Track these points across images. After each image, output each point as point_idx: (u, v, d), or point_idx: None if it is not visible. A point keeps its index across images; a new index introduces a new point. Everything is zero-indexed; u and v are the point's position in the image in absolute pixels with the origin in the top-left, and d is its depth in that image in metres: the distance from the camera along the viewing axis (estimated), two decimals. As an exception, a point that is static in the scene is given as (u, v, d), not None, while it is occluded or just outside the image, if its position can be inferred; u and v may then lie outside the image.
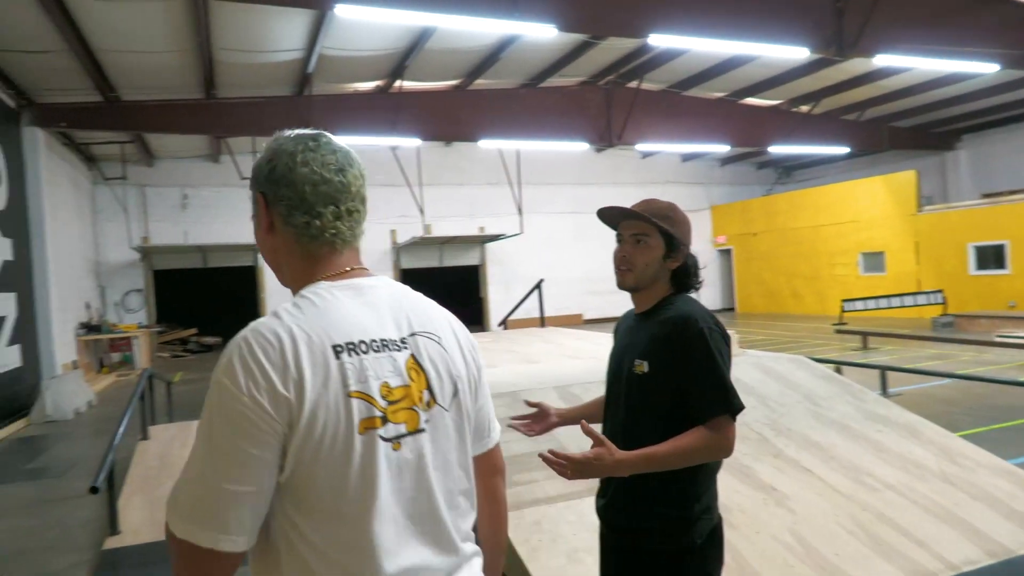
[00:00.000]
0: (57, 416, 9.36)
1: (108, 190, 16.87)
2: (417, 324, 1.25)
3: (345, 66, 11.55)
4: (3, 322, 9.35)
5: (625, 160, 21.89)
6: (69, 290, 13.14)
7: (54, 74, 10.03)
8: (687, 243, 1.99)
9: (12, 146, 10.38)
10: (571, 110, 14.28)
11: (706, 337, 1.82)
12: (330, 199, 1.24)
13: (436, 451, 1.22)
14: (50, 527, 5.07)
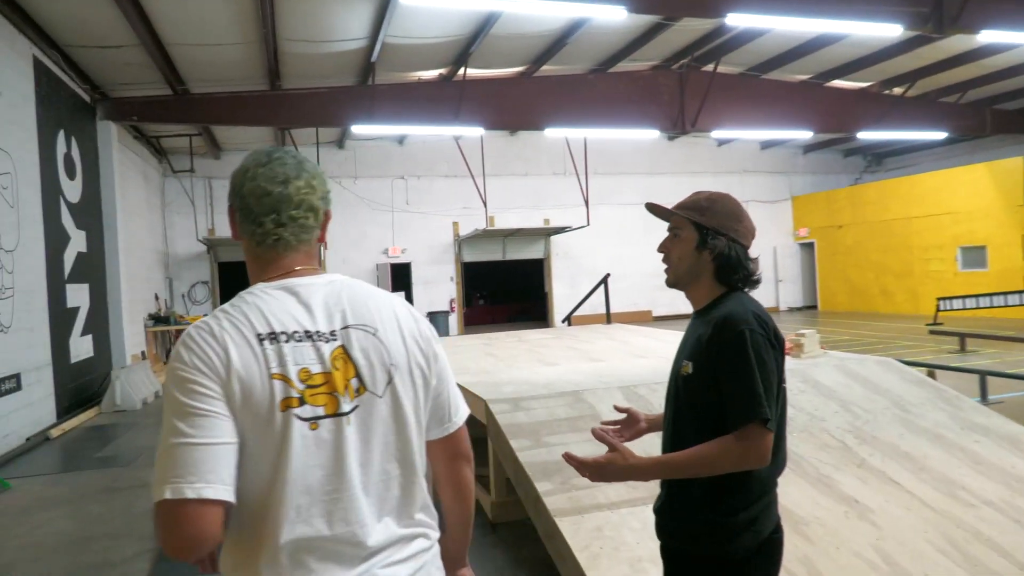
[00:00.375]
0: (126, 406, 9.86)
1: (177, 182, 17.64)
2: (352, 318, 1.40)
3: (409, 54, 11.69)
4: (77, 313, 9.90)
5: (699, 148, 21.44)
6: (139, 282, 13.82)
7: (127, 68, 10.54)
8: (728, 233, 1.94)
9: (87, 140, 10.97)
10: (642, 96, 14.06)
11: (744, 339, 1.77)
12: (271, 209, 1.42)
13: (363, 435, 1.35)
14: (116, 515, 5.33)
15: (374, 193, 19.10)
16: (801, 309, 22.51)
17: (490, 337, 9.74)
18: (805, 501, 3.68)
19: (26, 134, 8.47)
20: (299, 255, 1.46)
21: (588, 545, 3.24)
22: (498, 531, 4.58)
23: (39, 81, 8.91)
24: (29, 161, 8.48)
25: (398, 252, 19.30)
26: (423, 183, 19.48)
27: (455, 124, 13.14)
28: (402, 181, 19.33)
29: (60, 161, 9.63)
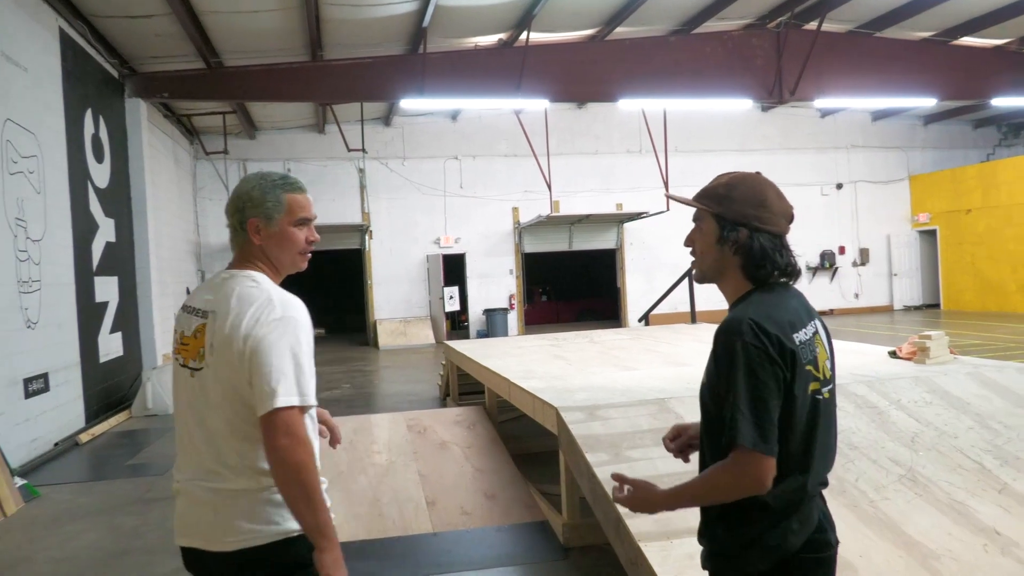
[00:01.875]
0: (158, 409, 10.25)
1: (209, 165, 18.22)
2: (212, 305, 2.07)
3: (464, 18, 11.77)
4: (106, 308, 10.34)
5: (799, 120, 20.95)
6: (170, 274, 14.34)
7: (157, 40, 10.93)
8: (750, 222, 1.92)
9: (115, 119, 11.43)
10: (732, 60, 13.81)
11: (734, 350, 1.79)
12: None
13: (201, 393, 2.05)
14: (152, 528, 5.55)
15: (424, 176, 19.32)
16: (920, 308, 21.77)
17: (556, 337, 9.74)
18: (935, 531, 3.57)
19: (52, 114, 8.88)
20: (235, 255, 2.19)
21: (679, 574, 3.22)
22: (571, 556, 4.58)
23: (65, 56, 9.33)
24: (55, 143, 8.89)
25: (451, 242, 19.48)
26: (479, 164, 19.59)
27: (516, 96, 13.16)
28: (455, 162, 19.49)
29: (88, 143, 10.06)
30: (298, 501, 1.93)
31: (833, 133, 21.40)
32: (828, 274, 21.41)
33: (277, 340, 1.97)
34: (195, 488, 2.07)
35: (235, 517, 1.99)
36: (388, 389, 11.88)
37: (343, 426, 6.81)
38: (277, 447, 1.91)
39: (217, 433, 2.02)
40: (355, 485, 5.70)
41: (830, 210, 21.46)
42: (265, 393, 1.93)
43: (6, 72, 7.63)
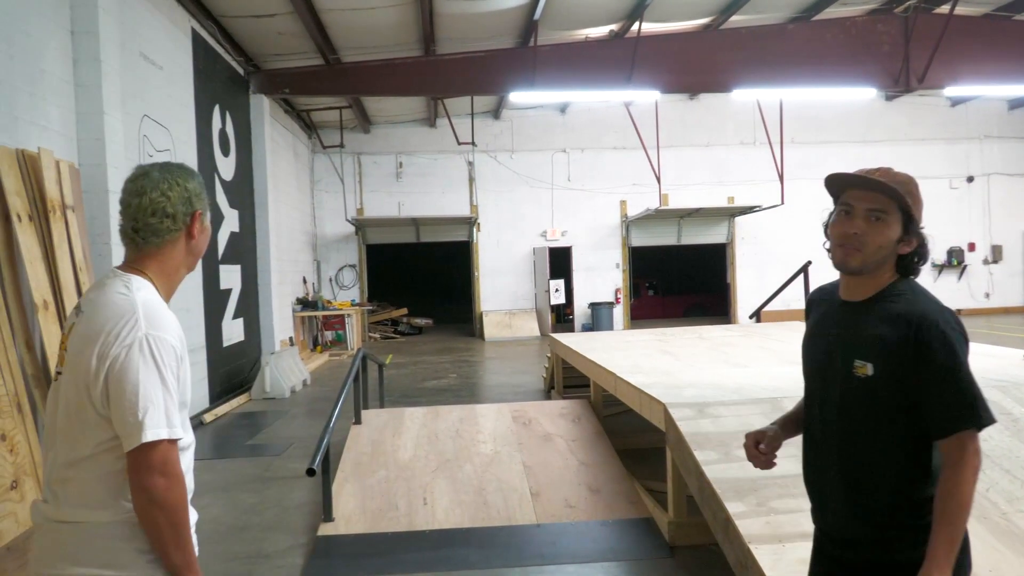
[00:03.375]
0: (275, 393, 10.71)
1: (326, 158, 18.86)
2: (86, 305, 1.90)
3: (576, 9, 11.71)
4: (229, 295, 10.88)
5: (927, 109, 19.82)
6: (288, 264, 14.95)
7: (279, 38, 11.38)
8: (917, 219, 1.99)
9: (240, 114, 11.99)
10: (855, 47, 13.18)
11: (949, 338, 1.83)
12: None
13: (55, 403, 1.87)
14: (268, 506, 5.80)
15: (532, 168, 19.38)
16: (1059, 312, 20.24)
17: (664, 332, 9.60)
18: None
19: (184, 109, 9.38)
20: (127, 253, 1.98)
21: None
22: (677, 554, 4.50)
23: (196, 54, 9.84)
24: (187, 137, 9.40)
25: (557, 235, 19.47)
26: (587, 157, 19.49)
27: (627, 87, 13.00)
28: (563, 155, 19.46)
29: (216, 137, 10.59)
30: (168, 543, 1.78)
31: (964, 123, 20.13)
32: (956, 272, 20.18)
33: (141, 363, 1.76)
34: (35, 510, 1.88)
35: (56, 558, 1.80)
36: (493, 380, 12.00)
37: (450, 415, 6.96)
38: (150, 486, 1.74)
39: (63, 451, 1.82)
40: (460, 473, 5.78)
41: (960, 204, 20.22)
42: (131, 425, 1.73)
43: (144, 71, 8.12)
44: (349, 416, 6.95)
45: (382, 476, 5.78)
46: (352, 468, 5.92)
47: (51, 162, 5.81)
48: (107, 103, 6.66)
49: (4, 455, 4.55)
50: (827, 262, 2.11)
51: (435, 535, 4.89)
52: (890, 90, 14.26)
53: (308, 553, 4.77)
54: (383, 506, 5.32)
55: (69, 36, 6.49)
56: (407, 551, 4.69)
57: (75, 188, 6.22)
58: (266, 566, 4.62)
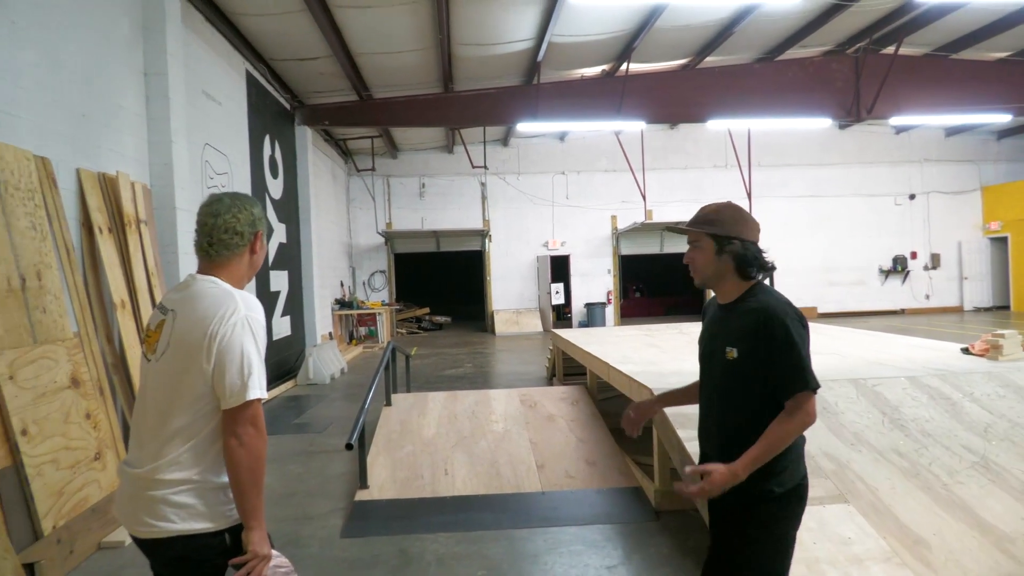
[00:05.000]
0: (317, 380, 10.72)
1: (360, 180, 18.90)
2: (174, 304, 1.99)
3: (573, 52, 11.70)
4: (278, 296, 10.90)
5: (874, 137, 19.73)
6: (327, 270, 14.97)
7: (320, 78, 11.41)
8: (739, 236, 2.22)
9: (287, 143, 12.03)
10: (812, 83, 13.14)
11: (787, 325, 2.08)
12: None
13: (152, 384, 1.95)
14: (312, 475, 5.81)
15: (536, 188, 19.36)
16: (990, 309, 20.10)
17: (649, 329, 9.57)
18: (1009, 515, 3.28)
19: (239, 139, 9.41)
20: (201, 264, 2.06)
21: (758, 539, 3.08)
22: (662, 518, 4.49)
23: (250, 92, 9.87)
24: (242, 162, 9.42)
25: (557, 245, 19.45)
26: (583, 178, 19.47)
27: (617, 119, 12.99)
28: (563, 176, 19.44)
29: (266, 163, 10.62)
30: (247, 485, 1.86)
31: (907, 148, 20.01)
32: (900, 277, 20.06)
33: (242, 338, 1.88)
34: (124, 471, 1.97)
35: (139, 509, 1.89)
36: (503, 369, 11.98)
37: (467, 399, 6.96)
38: (243, 434, 1.86)
39: (155, 424, 1.91)
40: (476, 448, 5.77)
41: (903, 219, 20.10)
42: (236, 386, 1.85)
43: (206, 106, 8.15)
44: (381, 400, 6.96)
45: (409, 450, 5.78)
46: (384, 443, 5.93)
47: (127, 183, 5.84)
48: (174, 133, 6.69)
49: (89, 431, 4.57)
50: (790, 268, 2.24)
51: (455, 501, 4.89)
52: (842, 120, 14.18)
53: (346, 515, 4.77)
54: (410, 476, 5.32)
55: (143, 77, 6.52)
56: (431, 514, 4.69)
57: (147, 205, 6.25)
58: (311, 526, 4.63)
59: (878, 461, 3.70)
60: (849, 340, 6.98)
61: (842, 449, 3.81)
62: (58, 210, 4.85)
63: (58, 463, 4.18)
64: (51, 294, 4.53)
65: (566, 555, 4.02)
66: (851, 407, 4.26)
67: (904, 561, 2.94)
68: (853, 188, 19.77)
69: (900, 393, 4.35)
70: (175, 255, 6.59)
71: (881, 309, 19.94)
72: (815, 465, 3.67)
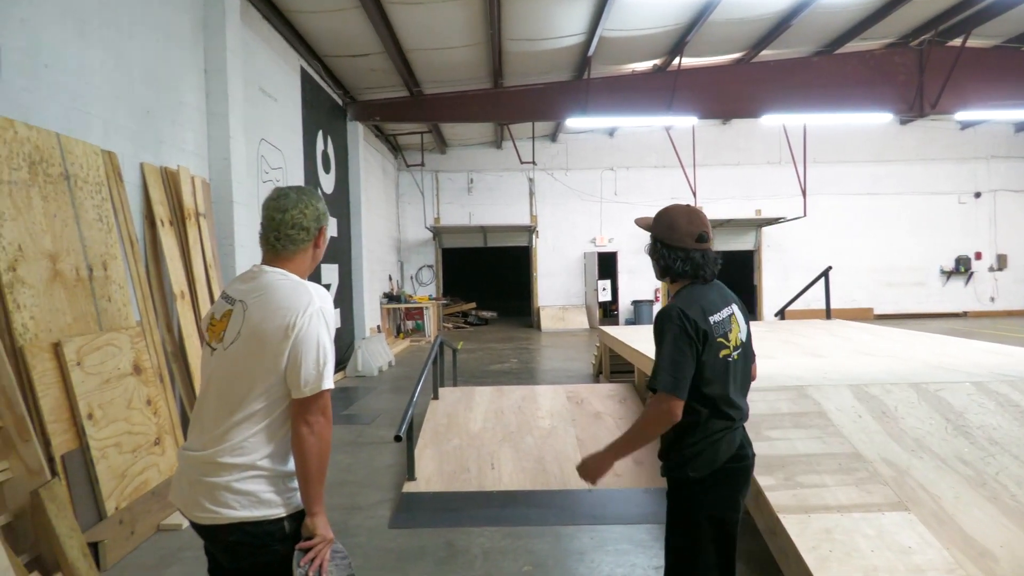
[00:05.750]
0: (365, 372, 10.88)
1: (409, 175, 19.09)
2: (243, 295, 2.01)
3: (624, 47, 11.58)
4: (329, 288, 11.09)
5: (938, 132, 19.00)
6: (376, 264, 15.17)
7: (372, 74, 11.55)
8: (660, 238, 2.47)
9: (339, 139, 12.22)
10: (873, 77, 12.73)
11: (662, 324, 2.32)
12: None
13: (218, 372, 1.98)
14: (361, 466, 5.91)
15: (584, 184, 19.25)
16: (1060, 314, 19.20)
17: (699, 327, 9.40)
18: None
19: (294, 134, 9.60)
20: (267, 256, 2.10)
21: (816, 547, 3.02)
22: (711, 521, 4.41)
23: (304, 88, 10.06)
24: (296, 157, 9.62)
25: (604, 241, 19.31)
26: (631, 174, 19.27)
27: (668, 114, 12.81)
28: (611, 172, 19.28)
29: (319, 158, 10.81)
30: (312, 472, 1.91)
31: (973, 144, 19.22)
32: (963, 278, 19.31)
33: (318, 329, 1.92)
34: (184, 455, 2.01)
35: (200, 495, 1.93)
36: (548, 365, 11.97)
37: (513, 394, 6.97)
38: (314, 422, 1.90)
39: (219, 411, 1.95)
40: (523, 444, 5.78)
41: (967, 218, 19.33)
42: (312, 376, 1.89)
43: (262, 102, 8.34)
44: (428, 393, 7.02)
45: (456, 444, 5.82)
46: (431, 436, 5.98)
47: (187, 177, 6.01)
48: (233, 129, 6.86)
49: (150, 417, 4.73)
50: (845, 267, 2.28)
51: (501, 495, 4.91)
52: (905, 115, 13.69)
53: (394, 506, 4.83)
54: (457, 469, 5.36)
55: (203, 74, 6.70)
56: (477, 508, 4.72)
57: (206, 199, 6.43)
58: (360, 516, 4.70)
59: (941, 469, 3.57)
60: (909, 342, 6.75)
61: (902, 455, 3.68)
62: (123, 203, 5.02)
63: (121, 447, 4.34)
64: (116, 284, 4.70)
65: (612, 553, 3.99)
66: (911, 412, 4.12)
67: (969, 573, 2.83)
68: (913, 185, 19.10)
69: (965, 399, 4.19)
70: (231, 247, 6.77)
71: (942, 311, 19.23)
72: (872, 471, 3.57)
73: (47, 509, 3.39)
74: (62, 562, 3.43)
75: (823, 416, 4.10)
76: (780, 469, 3.58)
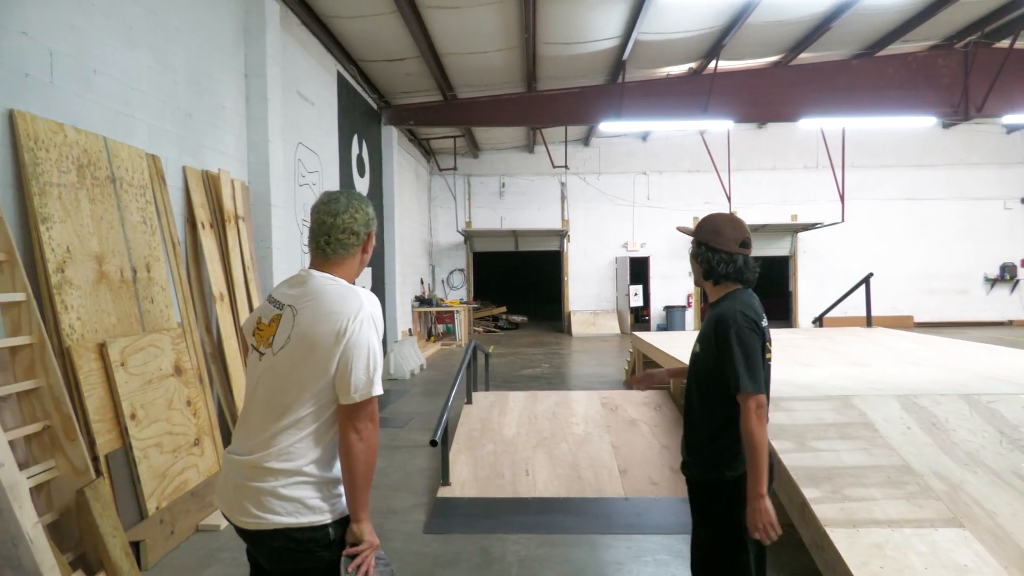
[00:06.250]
0: (397, 375, 10.92)
1: (441, 179, 19.17)
2: (291, 300, 1.99)
3: (659, 50, 11.49)
4: (362, 291, 11.15)
5: (982, 136, 18.50)
6: (409, 267, 15.25)
7: (407, 79, 11.62)
8: (708, 242, 2.56)
9: (374, 142, 12.31)
10: (916, 80, 12.45)
11: (726, 328, 2.39)
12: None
13: (266, 377, 1.95)
14: (396, 470, 5.91)
15: (616, 188, 19.15)
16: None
17: (735, 334, 9.26)
18: None
19: (329, 138, 9.70)
20: (315, 260, 2.09)
21: (866, 562, 2.92)
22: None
23: (340, 93, 10.15)
24: (331, 161, 9.70)
25: (636, 246, 19.17)
26: (665, 178, 19.11)
27: (703, 118, 12.67)
28: (644, 177, 19.14)
29: (354, 161, 10.91)
30: (362, 480, 1.90)
31: (1020, 148, 18.67)
32: (1008, 286, 18.75)
33: (369, 335, 1.92)
34: (229, 459, 2.00)
35: (245, 499, 1.92)
36: (580, 370, 11.89)
37: (547, 399, 6.92)
38: (362, 429, 1.89)
39: (266, 415, 1.93)
40: (557, 450, 5.73)
41: (1013, 224, 18.78)
42: (363, 382, 1.88)
43: (299, 106, 8.43)
44: (461, 397, 7.01)
45: (490, 449, 5.79)
46: (465, 441, 5.97)
47: (228, 180, 6.09)
48: (271, 133, 6.94)
49: (190, 418, 4.79)
50: (884, 274, 2.29)
51: (536, 502, 4.87)
52: (949, 119, 13.36)
53: (429, 511, 4.82)
54: (491, 475, 5.33)
55: (243, 79, 6.79)
56: (513, 515, 4.68)
57: (245, 202, 6.51)
58: (395, 520, 4.70)
59: (996, 484, 3.44)
60: (956, 352, 6.56)
61: (954, 469, 3.56)
62: (166, 206, 5.10)
63: (162, 447, 4.39)
64: (158, 286, 4.77)
65: (651, 564, 3.92)
66: (963, 424, 3.98)
67: (1029, 595, 2.71)
68: (956, 191, 18.62)
69: (1021, 412, 4.04)
70: (269, 250, 6.84)
71: (985, 320, 18.70)
72: (923, 485, 3.46)
73: (92, 508, 3.44)
74: (105, 561, 3.48)
75: (870, 427, 3.99)
76: (826, 481, 3.49)
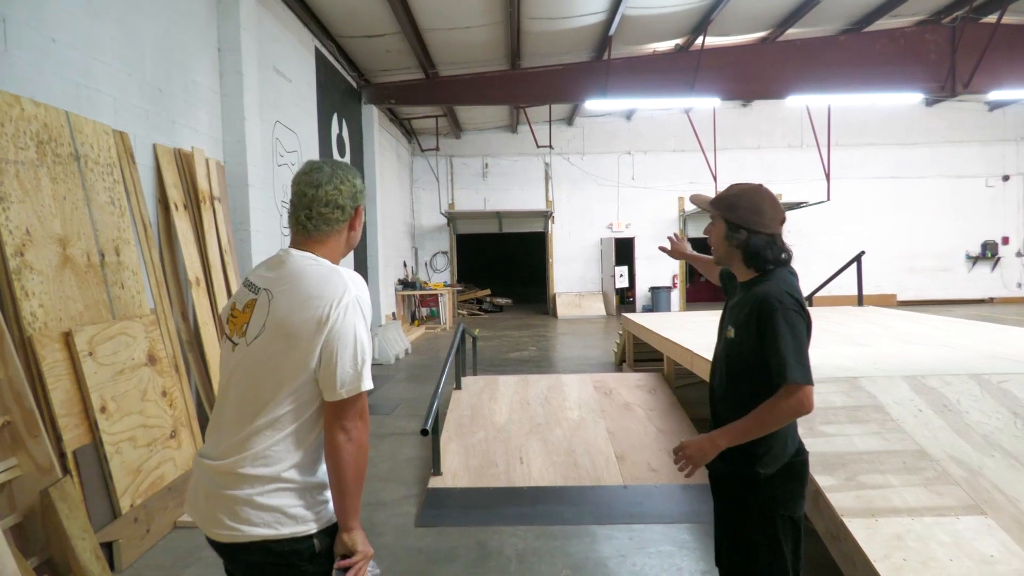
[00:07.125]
0: (382, 360, 10.68)
1: (424, 160, 18.81)
2: (268, 283, 1.76)
3: (646, 26, 11.23)
4: (345, 275, 10.87)
5: (965, 114, 18.48)
6: (391, 250, 14.95)
7: (387, 56, 11.26)
8: (748, 226, 2.24)
9: (354, 121, 11.96)
10: (903, 56, 12.31)
11: (772, 311, 2.11)
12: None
13: (242, 370, 1.72)
14: (383, 459, 5.69)
15: (600, 168, 18.92)
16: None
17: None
18: None
19: (309, 117, 9.36)
20: (296, 238, 1.85)
21: (888, 555, 2.76)
22: (757, 520, 4.17)
23: (319, 70, 9.80)
24: (311, 140, 9.37)
25: (622, 227, 18.99)
26: (649, 158, 18.91)
27: (690, 95, 12.45)
28: (628, 156, 18.92)
29: (334, 141, 10.57)
30: (353, 485, 1.68)
31: (1002, 126, 18.69)
32: (989, 263, 18.85)
33: (355, 322, 1.69)
34: (201, 464, 1.77)
35: (218, 509, 1.69)
36: (568, 353, 11.73)
37: (538, 383, 6.73)
38: (351, 428, 1.67)
39: (240, 413, 1.71)
40: (551, 436, 5.55)
41: (994, 202, 18.84)
42: (350, 376, 1.66)
43: (277, 84, 8.09)
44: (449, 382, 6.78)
45: (482, 436, 5.60)
46: (455, 428, 5.76)
47: (202, 159, 5.79)
48: (247, 110, 6.62)
49: (165, 409, 4.53)
50: (870, 252, 2.06)
51: (531, 491, 4.68)
52: (935, 95, 13.24)
53: (420, 503, 4.62)
54: (484, 463, 5.14)
55: (216, 52, 6.45)
56: (507, 505, 4.49)
57: (220, 182, 6.20)
58: (384, 512, 4.49)
59: (1015, 468, 3.30)
60: (956, 331, 6.45)
61: (972, 454, 3.42)
62: (136, 185, 4.80)
63: (135, 441, 4.14)
64: (129, 270, 4.49)
65: (655, 556, 3.76)
66: (975, 405, 3.84)
67: (1062, 586, 2.57)
68: (939, 169, 18.62)
69: (1033, 392, 3.91)
70: (247, 232, 6.55)
71: (967, 298, 18.81)
72: (941, 470, 3.31)
73: (58, 509, 3.19)
74: (74, 565, 3.24)
75: (880, 410, 3.83)
76: (840, 468, 3.33)
